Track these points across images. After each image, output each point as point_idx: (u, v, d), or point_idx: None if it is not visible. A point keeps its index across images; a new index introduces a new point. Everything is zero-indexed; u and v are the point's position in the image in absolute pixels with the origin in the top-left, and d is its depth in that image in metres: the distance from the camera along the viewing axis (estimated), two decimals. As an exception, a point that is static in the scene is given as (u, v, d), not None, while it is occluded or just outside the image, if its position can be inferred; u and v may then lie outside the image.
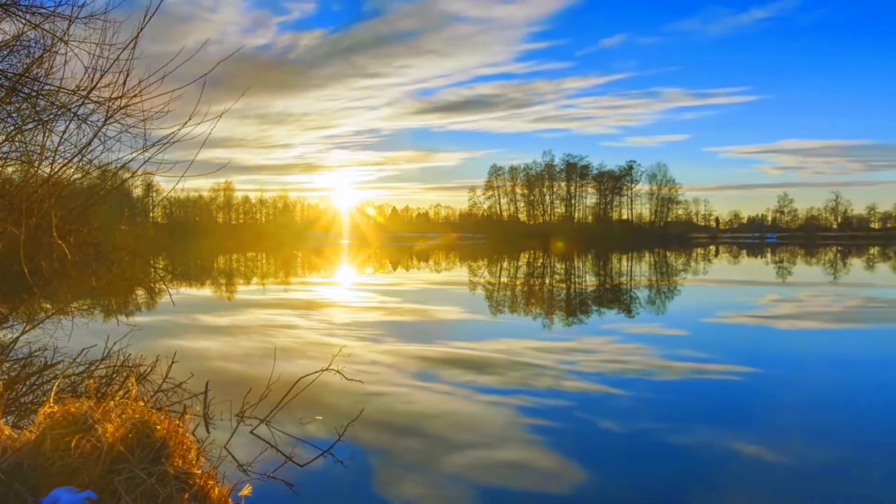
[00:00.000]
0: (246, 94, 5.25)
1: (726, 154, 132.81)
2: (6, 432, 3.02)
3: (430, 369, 7.79)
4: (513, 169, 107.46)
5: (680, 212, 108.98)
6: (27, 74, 5.36)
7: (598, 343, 9.79)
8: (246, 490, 3.15)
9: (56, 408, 3.02)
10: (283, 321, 12.30)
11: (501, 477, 4.43)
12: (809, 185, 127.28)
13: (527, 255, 46.71)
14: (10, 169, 6.05)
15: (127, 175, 5.83)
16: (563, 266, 33.95)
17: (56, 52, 5.29)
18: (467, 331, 11.15)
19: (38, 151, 5.49)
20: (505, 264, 36.12)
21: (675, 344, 9.82)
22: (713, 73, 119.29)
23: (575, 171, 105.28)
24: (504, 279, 25.21)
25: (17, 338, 6.21)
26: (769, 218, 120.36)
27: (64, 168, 5.44)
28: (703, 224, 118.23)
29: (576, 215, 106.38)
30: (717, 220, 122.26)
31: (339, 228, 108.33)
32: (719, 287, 20.49)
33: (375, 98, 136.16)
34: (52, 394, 3.27)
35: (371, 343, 9.70)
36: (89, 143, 5.37)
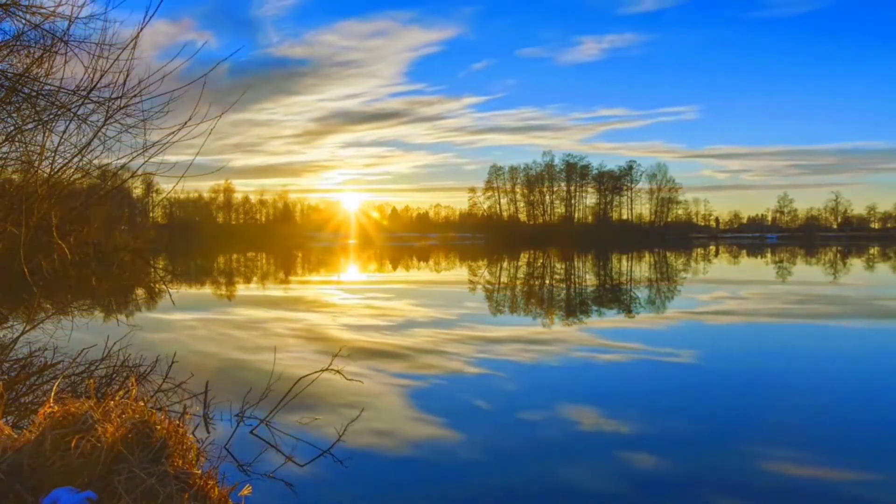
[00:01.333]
0: (182, 108, 5.21)
1: (662, 158, 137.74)
2: (6, 432, 3.02)
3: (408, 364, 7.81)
4: (513, 169, 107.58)
5: (680, 212, 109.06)
6: (27, 74, 5.35)
7: (526, 334, 10.21)
8: (246, 490, 3.15)
9: (56, 408, 3.02)
10: (283, 321, 12.30)
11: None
12: (760, 187, 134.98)
13: (526, 256, 46.72)
14: (10, 169, 6.04)
15: (127, 175, 5.83)
16: (548, 266, 33.95)
17: (56, 52, 5.28)
18: (452, 323, 11.21)
19: (38, 151, 5.48)
20: (497, 265, 36.12)
21: (599, 336, 10.26)
22: (588, 94, 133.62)
23: (575, 172, 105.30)
24: (490, 279, 25.22)
25: (17, 338, 6.21)
26: (769, 218, 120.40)
27: (64, 168, 5.43)
28: (703, 224, 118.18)
29: (576, 215, 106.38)
30: (716, 220, 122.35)
31: (342, 229, 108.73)
32: (687, 285, 20.49)
33: (308, 113, 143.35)
34: (52, 394, 3.27)
35: (368, 340, 9.72)
36: (89, 143, 5.36)
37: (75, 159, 5.39)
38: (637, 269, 31.46)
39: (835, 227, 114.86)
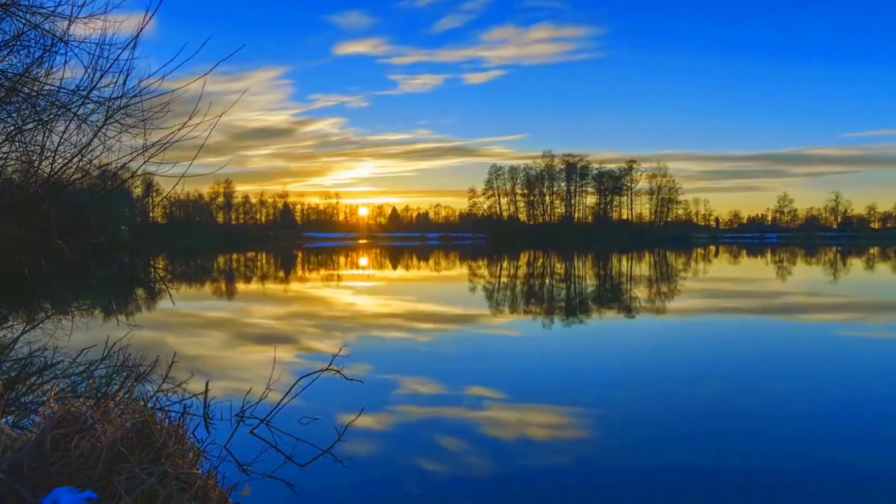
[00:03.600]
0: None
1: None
2: (6, 432, 3.02)
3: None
4: (512, 169, 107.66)
5: (680, 212, 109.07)
6: (27, 74, 5.35)
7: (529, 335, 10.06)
8: (246, 490, 3.15)
9: (56, 408, 3.02)
10: (283, 321, 12.30)
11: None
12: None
13: (526, 256, 46.72)
14: (10, 169, 6.03)
15: (127, 175, 5.82)
16: (547, 267, 33.97)
17: (56, 52, 5.28)
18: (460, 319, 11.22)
19: (38, 151, 5.48)
20: (497, 265, 36.12)
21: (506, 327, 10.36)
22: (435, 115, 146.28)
23: (575, 171, 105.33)
24: (490, 279, 25.23)
25: (17, 338, 6.21)
26: (769, 218, 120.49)
27: (64, 168, 5.43)
28: (703, 224, 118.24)
29: (576, 215, 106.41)
30: (716, 220, 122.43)
31: (342, 229, 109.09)
32: (686, 285, 20.53)
33: (224, 131, 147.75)
34: (52, 394, 3.27)
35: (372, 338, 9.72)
36: (89, 143, 5.35)
37: (75, 159, 5.39)
38: (635, 269, 31.48)
39: (835, 227, 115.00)
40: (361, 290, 20.29)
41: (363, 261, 41.02)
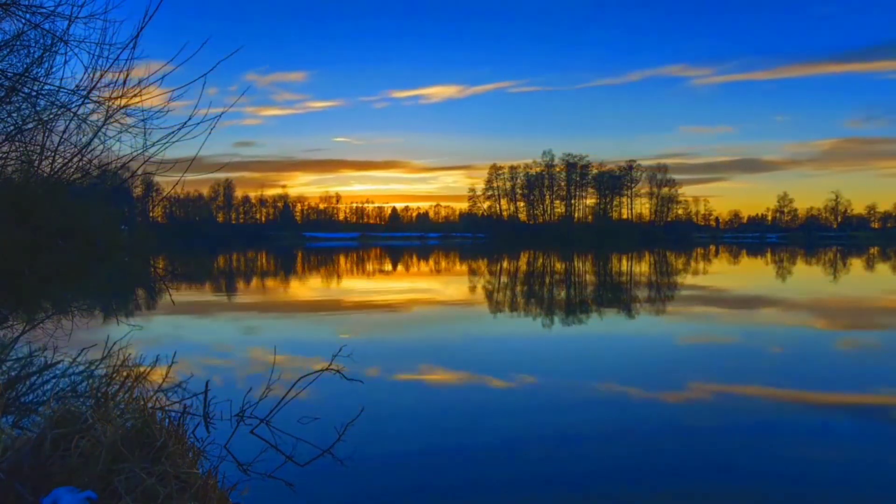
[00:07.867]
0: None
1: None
2: (6, 432, 3.02)
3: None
4: (512, 169, 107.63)
5: (680, 211, 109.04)
6: (27, 74, 5.34)
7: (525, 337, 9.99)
8: (246, 490, 3.15)
9: (56, 407, 3.02)
10: (283, 320, 12.30)
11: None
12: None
13: (526, 256, 46.73)
14: (9, 169, 6.03)
15: (127, 175, 5.82)
16: (547, 267, 33.96)
17: (56, 52, 5.28)
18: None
19: (38, 151, 5.48)
20: (497, 265, 36.11)
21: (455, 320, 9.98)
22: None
23: (575, 171, 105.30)
24: (491, 280, 25.22)
25: (17, 338, 6.19)
26: (769, 218, 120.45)
27: (64, 168, 5.43)
28: (703, 224, 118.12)
29: (576, 215, 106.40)
30: (716, 219, 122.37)
31: (342, 229, 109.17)
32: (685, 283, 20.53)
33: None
34: (52, 394, 3.27)
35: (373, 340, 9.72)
36: (89, 143, 5.35)
37: (75, 159, 5.39)
38: (635, 268, 31.48)
39: (834, 226, 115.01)
40: (362, 289, 20.28)
41: (363, 260, 41.02)
